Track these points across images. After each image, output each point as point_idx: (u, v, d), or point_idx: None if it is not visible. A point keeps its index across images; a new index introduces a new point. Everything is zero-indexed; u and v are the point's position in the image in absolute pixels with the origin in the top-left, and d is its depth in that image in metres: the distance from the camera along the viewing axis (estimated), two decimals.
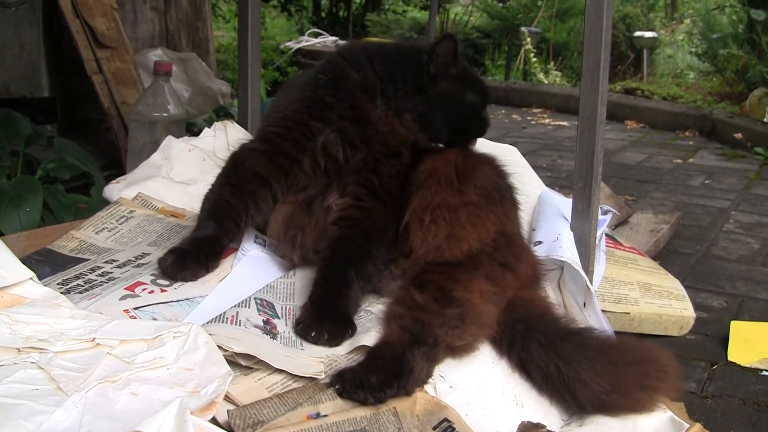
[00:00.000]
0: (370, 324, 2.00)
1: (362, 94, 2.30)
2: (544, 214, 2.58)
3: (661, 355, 2.08)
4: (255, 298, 2.03)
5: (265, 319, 1.96)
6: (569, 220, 2.45)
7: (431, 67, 2.35)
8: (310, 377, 1.76)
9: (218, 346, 1.74)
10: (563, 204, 2.59)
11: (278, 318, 2.00)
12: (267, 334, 1.90)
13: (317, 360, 1.82)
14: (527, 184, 2.69)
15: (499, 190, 2.29)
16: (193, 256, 2.16)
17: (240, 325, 1.89)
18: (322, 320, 1.95)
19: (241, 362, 1.76)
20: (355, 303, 2.09)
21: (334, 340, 1.92)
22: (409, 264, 2.15)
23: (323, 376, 1.77)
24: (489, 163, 2.37)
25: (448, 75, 2.38)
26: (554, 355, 1.97)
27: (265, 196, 2.27)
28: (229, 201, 2.25)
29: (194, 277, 2.14)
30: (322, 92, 2.31)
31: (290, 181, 2.28)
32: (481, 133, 2.49)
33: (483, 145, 2.58)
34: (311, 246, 2.25)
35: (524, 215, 2.48)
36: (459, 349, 1.91)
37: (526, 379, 2.01)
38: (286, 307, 2.06)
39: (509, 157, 2.75)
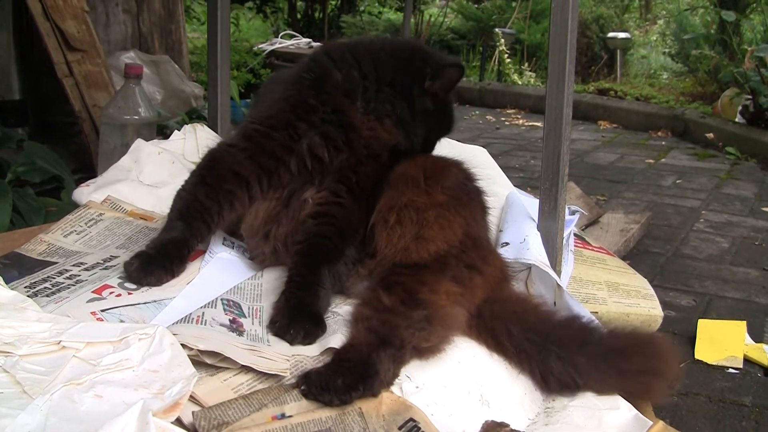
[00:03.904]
0: (336, 326, 2.01)
1: (344, 97, 2.29)
2: (511, 214, 2.59)
3: (659, 346, 2.16)
4: (222, 299, 2.03)
5: (231, 318, 1.96)
6: (536, 220, 2.46)
7: (428, 83, 2.34)
8: (276, 375, 1.77)
9: (183, 345, 1.74)
10: (530, 204, 2.60)
11: (245, 317, 2.00)
12: (233, 332, 1.90)
13: (283, 357, 1.82)
14: (496, 185, 2.71)
15: (467, 192, 2.30)
16: (158, 261, 2.13)
17: (206, 325, 1.89)
18: (299, 319, 1.95)
19: (206, 361, 1.76)
20: (326, 302, 2.09)
21: (308, 338, 1.93)
22: (375, 264, 2.15)
23: (288, 375, 1.78)
24: (457, 166, 2.37)
25: (437, 97, 2.37)
26: (571, 369, 2.03)
27: (242, 196, 2.24)
28: (202, 202, 2.21)
29: (159, 282, 2.11)
30: (306, 93, 2.29)
31: (273, 181, 2.25)
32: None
33: (453, 147, 2.59)
34: (283, 238, 2.24)
35: (492, 217, 2.49)
36: (425, 351, 1.92)
37: (547, 390, 2.07)
38: (253, 308, 2.06)
39: (479, 158, 2.76)
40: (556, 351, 2.04)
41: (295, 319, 1.95)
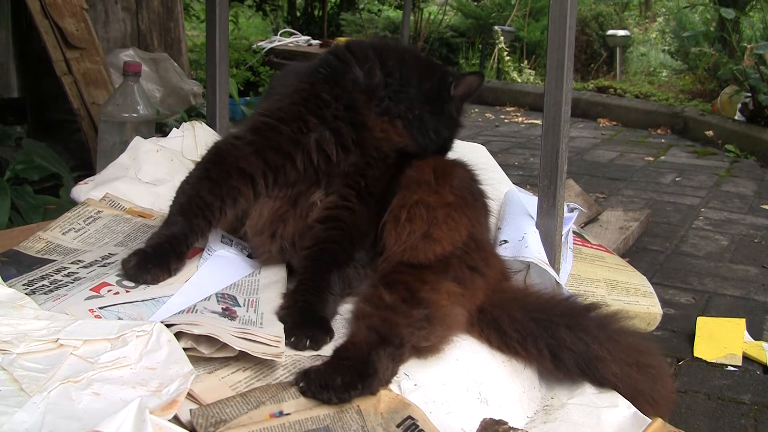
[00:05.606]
0: (338, 325, 2.02)
1: (360, 94, 2.28)
2: (510, 212, 2.59)
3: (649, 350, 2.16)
4: (216, 294, 2.04)
5: (224, 306, 1.96)
6: (535, 218, 2.46)
7: (452, 89, 2.37)
8: (273, 371, 1.77)
9: (179, 337, 1.74)
10: (529, 202, 2.60)
11: (239, 306, 2.00)
12: (225, 317, 1.90)
13: (275, 339, 1.81)
14: (495, 182, 2.70)
15: (472, 193, 2.30)
16: (155, 259, 2.12)
17: (196, 313, 1.89)
18: (304, 324, 1.95)
19: (203, 352, 1.75)
20: (334, 308, 2.09)
21: (315, 345, 1.92)
22: (382, 261, 2.15)
23: (283, 358, 1.78)
24: (463, 167, 2.38)
25: (456, 105, 2.41)
26: (583, 334, 2.04)
27: (246, 193, 2.21)
28: (204, 198, 2.18)
29: (155, 281, 2.10)
30: (320, 87, 2.27)
31: (279, 177, 2.22)
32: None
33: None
34: (290, 237, 2.23)
35: (491, 216, 2.49)
36: (424, 350, 1.92)
37: (557, 370, 2.06)
38: (248, 299, 2.06)
39: (478, 156, 2.76)
40: (564, 321, 2.05)
41: (301, 325, 1.95)
